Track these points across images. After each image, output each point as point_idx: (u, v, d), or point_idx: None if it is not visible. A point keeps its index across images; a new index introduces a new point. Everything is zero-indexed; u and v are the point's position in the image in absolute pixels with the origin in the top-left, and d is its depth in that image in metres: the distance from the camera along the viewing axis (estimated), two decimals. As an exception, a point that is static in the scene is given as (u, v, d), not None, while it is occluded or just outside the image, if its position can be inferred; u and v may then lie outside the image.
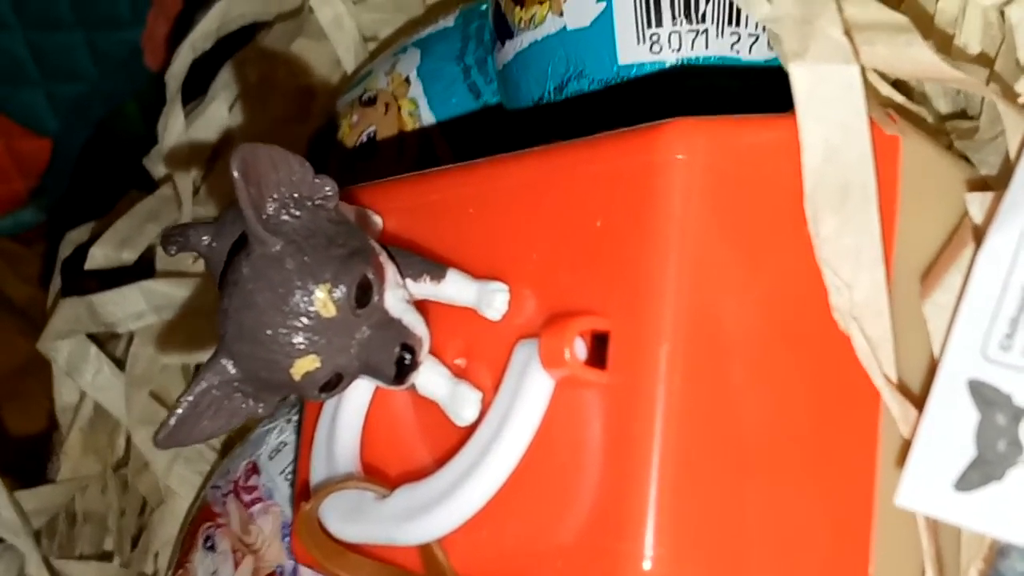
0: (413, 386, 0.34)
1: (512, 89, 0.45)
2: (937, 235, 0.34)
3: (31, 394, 0.68)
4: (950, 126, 0.38)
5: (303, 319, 0.31)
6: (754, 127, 0.32)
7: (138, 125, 0.84)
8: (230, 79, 0.60)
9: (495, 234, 0.35)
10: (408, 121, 0.49)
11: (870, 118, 0.31)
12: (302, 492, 0.37)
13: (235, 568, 0.48)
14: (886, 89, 0.35)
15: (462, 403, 0.34)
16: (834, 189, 0.31)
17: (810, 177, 0.31)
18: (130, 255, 0.59)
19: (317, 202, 0.32)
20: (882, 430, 0.32)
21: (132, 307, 0.57)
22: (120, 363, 0.59)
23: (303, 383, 0.32)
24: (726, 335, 0.31)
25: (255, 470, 0.49)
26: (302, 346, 0.31)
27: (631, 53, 0.42)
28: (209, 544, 0.50)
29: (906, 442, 0.31)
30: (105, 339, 0.60)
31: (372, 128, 0.50)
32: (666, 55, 0.41)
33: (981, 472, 0.29)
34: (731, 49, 0.41)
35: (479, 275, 0.34)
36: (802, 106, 0.31)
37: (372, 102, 0.51)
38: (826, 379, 0.32)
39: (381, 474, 0.36)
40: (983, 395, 0.29)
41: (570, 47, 0.43)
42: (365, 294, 0.32)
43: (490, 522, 0.32)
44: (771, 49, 0.41)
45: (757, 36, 0.41)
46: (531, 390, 0.32)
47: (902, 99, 0.35)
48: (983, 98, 0.36)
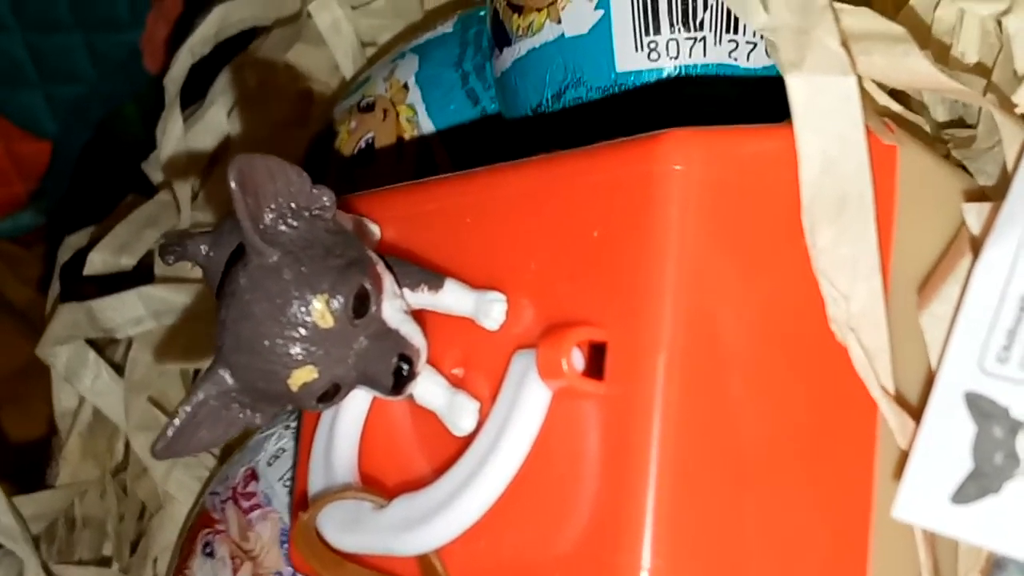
0: (411, 396, 0.34)
1: (510, 96, 0.45)
2: (935, 245, 0.34)
3: (31, 397, 0.68)
4: (948, 134, 0.38)
5: (300, 330, 0.31)
6: (752, 137, 0.32)
7: (137, 127, 0.84)
8: (229, 84, 0.60)
9: (493, 243, 0.35)
10: (406, 127, 0.49)
11: (867, 128, 0.31)
12: (300, 502, 0.37)
13: (234, 574, 0.48)
14: (883, 98, 0.35)
15: (460, 413, 0.34)
16: (831, 200, 0.31)
17: (807, 188, 0.31)
18: (129, 260, 0.59)
19: (315, 212, 0.32)
20: (879, 441, 0.32)
21: (131, 312, 0.57)
22: (119, 368, 0.59)
23: (301, 394, 0.32)
24: (724, 346, 0.31)
25: (254, 476, 0.49)
26: (299, 357, 0.31)
27: (629, 60, 0.42)
28: (208, 550, 0.50)
29: (903, 453, 0.31)
30: (104, 344, 0.60)
31: (370, 134, 0.50)
32: (664, 62, 0.41)
33: (978, 485, 0.29)
34: (729, 57, 0.41)
35: (477, 284, 0.34)
36: (799, 117, 0.31)
37: (370, 108, 0.51)
38: (824, 390, 0.32)
39: (379, 484, 0.36)
40: (980, 408, 0.29)
41: (568, 55, 0.42)
42: (363, 304, 0.32)
43: (488, 532, 0.32)
44: (769, 57, 0.41)
45: (755, 44, 0.41)
46: (529, 401, 0.32)
47: (899, 108, 0.35)
48: (981, 107, 0.36)
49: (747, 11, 0.34)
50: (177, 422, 0.32)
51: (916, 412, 0.31)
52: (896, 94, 0.35)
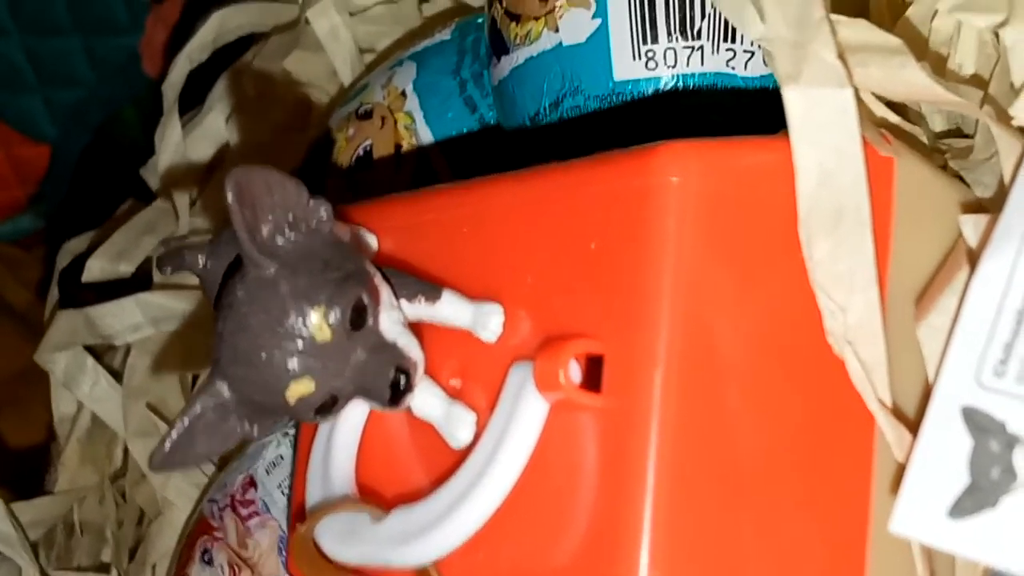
0: (408, 407, 0.34)
1: (508, 104, 0.45)
2: (932, 256, 0.34)
3: (31, 400, 0.68)
4: (945, 144, 0.38)
5: (298, 342, 0.31)
6: (748, 149, 0.32)
7: (136, 131, 0.84)
8: (227, 90, 0.60)
9: (490, 254, 0.35)
10: (404, 135, 0.49)
11: (864, 140, 0.31)
12: (298, 513, 0.37)
13: (232, 582, 0.48)
14: (880, 109, 0.35)
15: (457, 424, 0.34)
16: (828, 213, 0.31)
17: (804, 201, 0.31)
18: (127, 267, 0.59)
19: (312, 225, 0.32)
20: (877, 454, 0.32)
21: (129, 319, 0.57)
22: (117, 375, 0.59)
23: (298, 406, 0.32)
24: (721, 358, 0.31)
25: (252, 484, 0.49)
26: (297, 369, 0.31)
27: (627, 69, 0.42)
28: (206, 558, 0.50)
29: (900, 466, 0.31)
30: (102, 351, 0.60)
31: (368, 142, 0.50)
32: (662, 71, 0.41)
33: (975, 499, 0.29)
34: (727, 65, 0.41)
35: (474, 295, 0.34)
36: (796, 130, 0.31)
37: (368, 115, 0.51)
38: (821, 403, 0.32)
39: (376, 495, 0.36)
40: (977, 422, 0.29)
41: (566, 63, 0.42)
42: (360, 317, 0.32)
43: (486, 544, 0.32)
44: (766, 65, 0.41)
45: (753, 53, 0.41)
46: (526, 413, 0.32)
47: (897, 119, 0.35)
48: (978, 119, 0.36)
49: (744, 22, 0.34)
50: (174, 434, 0.32)
51: (913, 425, 0.31)
52: (893, 104, 0.35)
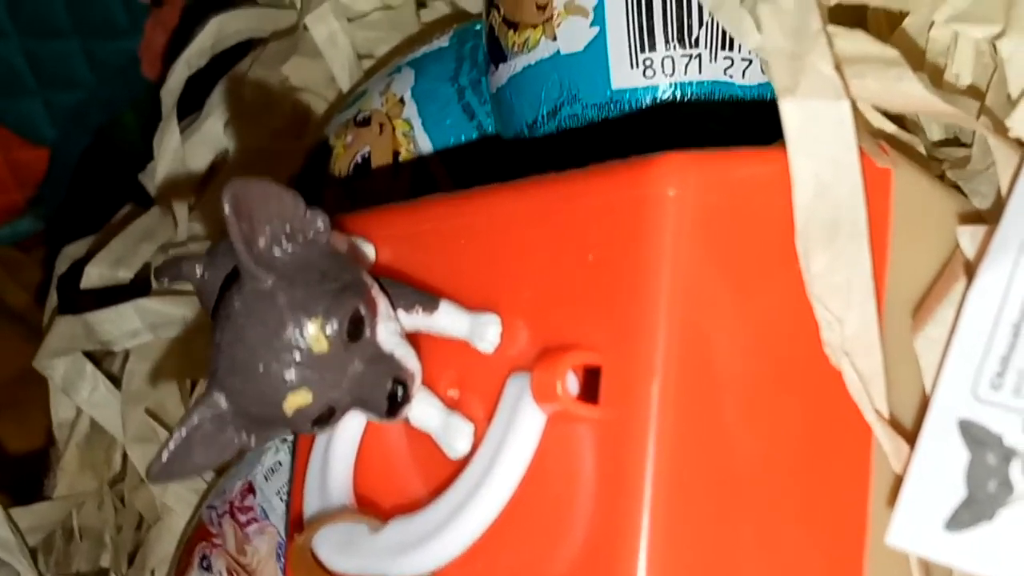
0: (406, 418, 0.34)
1: (506, 112, 0.45)
2: (930, 267, 0.34)
3: (30, 402, 0.68)
4: (943, 154, 0.38)
5: (295, 354, 0.31)
6: (745, 161, 0.32)
7: (135, 135, 0.84)
8: (225, 96, 0.60)
9: (487, 265, 0.35)
10: (402, 142, 0.49)
11: (861, 151, 0.31)
12: (295, 524, 0.37)
13: (231, 588, 0.48)
14: (878, 119, 0.35)
15: (455, 435, 0.34)
16: (825, 225, 0.31)
17: (801, 213, 0.31)
18: (126, 273, 0.59)
19: (309, 236, 0.32)
20: (874, 466, 0.32)
21: (127, 325, 0.57)
22: (116, 380, 0.59)
23: (295, 418, 0.32)
24: (718, 370, 0.31)
25: (251, 490, 0.49)
26: (294, 381, 0.31)
27: (624, 78, 0.42)
28: (205, 564, 0.50)
29: (898, 478, 0.31)
30: (101, 356, 0.60)
31: (366, 148, 0.50)
32: (659, 79, 0.41)
33: (972, 512, 0.29)
34: (724, 74, 0.41)
35: (471, 306, 0.34)
36: (793, 142, 0.31)
37: (366, 122, 0.51)
38: (818, 414, 0.32)
39: (374, 505, 0.36)
40: (973, 435, 0.29)
41: (563, 71, 0.42)
42: (357, 328, 0.32)
43: (483, 555, 0.32)
44: (764, 74, 0.41)
45: (750, 61, 0.41)
46: (523, 424, 0.32)
47: (894, 128, 0.35)
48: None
49: (741, 32, 0.34)
50: (172, 445, 0.32)
51: (911, 436, 0.31)
52: (890, 114, 0.35)
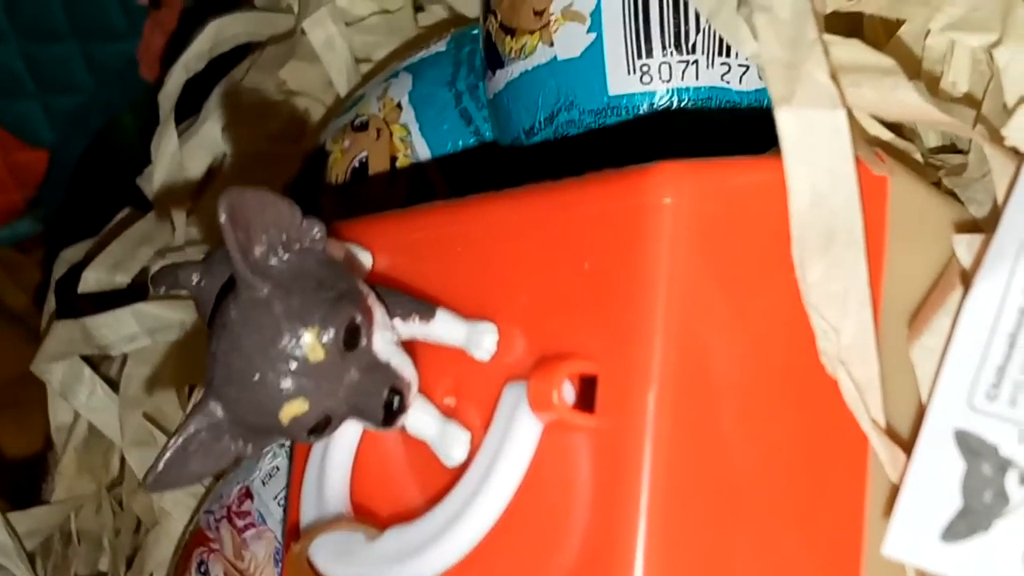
0: (402, 426, 0.34)
1: (503, 118, 0.45)
2: (926, 275, 0.34)
3: (29, 404, 0.68)
4: (939, 160, 0.38)
5: (291, 363, 0.31)
6: (742, 169, 0.32)
7: (135, 136, 0.84)
8: (223, 99, 0.60)
9: (484, 273, 0.35)
10: (399, 147, 0.49)
11: (857, 159, 0.31)
12: (292, 532, 0.37)
13: (228, 594, 0.48)
14: (874, 126, 0.34)
15: (451, 443, 0.34)
16: (821, 234, 0.30)
17: (797, 222, 0.31)
18: (123, 278, 0.59)
19: (305, 245, 0.32)
20: (870, 476, 0.32)
21: (125, 330, 0.57)
22: (114, 384, 0.59)
23: (291, 427, 0.32)
24: (714, 379, 0.30)
25: (248, 495, 0.49)
26: (290, 390, 0.31)
27: (621, 84, 0.42)
28: (202, 569, 0.50)
29: (894, 488, 0.31)
30: (99, 360, 0.60)
31: (364, 154, 0.50)
32: (656, 85, 0.41)
33: (967, 523, 0.29)
34: (721, 79, 0.41)
35: (468, 314, 0.34)
36: (789, 151, 0.30)
37: (364, 127, 0.51)
38: (815, 423, 0.32)
39: (371, 514, 0.36)
40: (969, 445, 0.29)
41: (560, 77, 0.42)
42: (353, 337, 0.32)
43: (480, 564, 0.32)
44: (761, 80, 0.41)
45: (747, 67, 0.41)
46: (519, 433, 0.31)
47: (890, 135, 0.35)
48: (972, 137, 0.36)
49: (738, 39, 0.34)
50: (168, 455, 0.32)
51: (907, 445, 0.31)
52: (887, 121, 0.35)
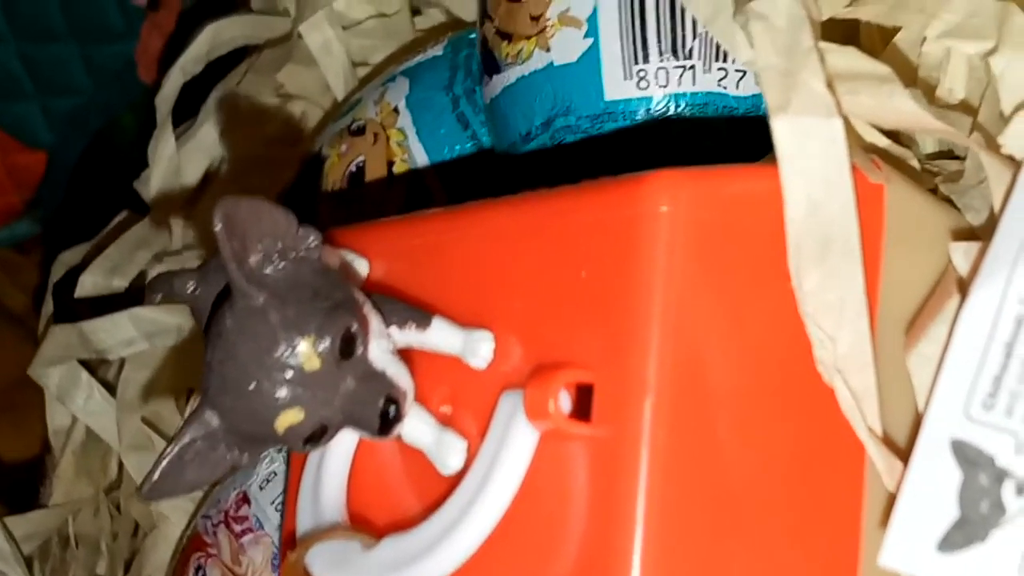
0: (398, 435, 0.34)
1: (499, 123, 0.45)
2: (923, 283, 0.34)
3: (28, 405, 0.68)
4: (936, 166, 0.38)
5: (287, 372, 0.31)
6: (738, 177, 0.32)
7: (134, 136, 0.84)
8: (220, 103, 0.60)
9: (480, 281, 0.35)
10: (396, 151, 0.49)
11: (854, 166, 0.31)
12: (288, 540, 0.37)
13: (226, 599, 0.48)
14: (871, 133, 0.34)
15: (447, 451, 0.34)
16: (817, 243, 0.30)
17: (792, 231, 0.31)
18: (120, 282, 0.58)
19: (301, 253, 0.32)
20: (867, 485, 0.32)
21: (122, 334, 0.57)
22: (111, 388, 0.59)
23: (287, 436, 0.32)
24: (711, 388, 0.30)
25: (245, 500, 0.49)
26: (286, 399, 0.31)
27: (618, 89, 0.41)
28: (200, 574, 0.50)
29: (891, 497, 0.31)
30: (96, 364, 0.60)
31: (361, 158, 0.50)
32: (653, 91, 0.41)
33: (964, 533, 0.29)
34: (718, 84, 0.41)
35: (464, 322, 0.34)
36: (785, 160, 0.30)
37: (361, 132, 0.51)
38: (812, 432, 0.32)
39: (367, 522, 0.35)
40: (966, 455, 0.29)
41: (557, 83, 0.42)
42: (349, 346, 0.32)
43: (476, 573, 0.32)
44: (757, 85, 0.41)
45: (744, 72, 0.41)
46: (516, 442, 0.31)
47: (887, 142, 0.35)
48: (968, 144, 0.36)
49: (734, 46, 0.34)
50: (163, 464, 0.32)
51: (904, 454, 0.31)
52: (884, 128, 0.35)
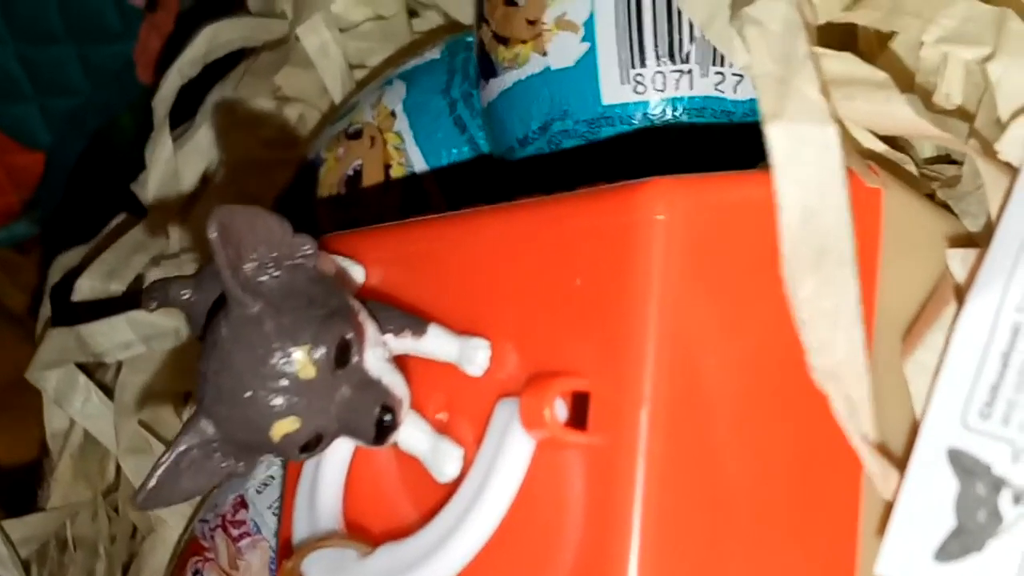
0: (394, 442, 0.34)
1: (496, 127, 0.45)
2: (920, 289, 0.34)
3: (26, 409, 0.68)
4: (933, 171, 0.38)
5: (282, 381, 0.31)
6: (733, 185, 0.32)
7: (132, 136, 0.84)
8: (217, 105, 0.60)
9: (476, 288, 0.34)
10: (393, 155, 0.49)
11: (850, 171, 0.31)
12: (284, 548, 0.37)
13: (224, 603, 0.48)
14: (868, 138, 0.34)
15: (444, 459, 0.34)
16: (811, 251, 0.30)
17: (787, 239, 0.30)
18: (118, 286, 0.58)
19: (296, 261, 0.32)
20: (864, 494, 0.32)
21: (120, 337, 0.57)
22: (109, 391, 0.59)
23: (283, 444, 0.32)
24: (707, 396, 0.30)
25: (243, 504, 0.49)
26: (281, 408, 0.31)
27: (615, 93, 0.41)
28: (198, 579, 0.50)
29: (887, 506, 0.31)
30: (94, 367, 0.60)
31: (358, 162, 0.50)
32: (650, 95, 0.41)
33: (961, 542, 0.29)
34: (715, 89, 0.41)
35: (460, 329, 0.34)
36: (779, 168, 0.30)
37: (358, 135, 0.50)
38: (808, 440, 0.32)
39: (363, 530, 0.35)
40: (963, 464, 0.29)
41: (554, 87, 0.42)
42: (344, 355, 0.32)
43: (472, 581, 0.32)
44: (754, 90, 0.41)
45: (741, 76, 0.41)
46: (512, 451, 0.31)
47: (884, 147, 0.35)
48: (966, 150, 0.36)
49: (730, 51, 0.34)
50: (159, 472, 0.32)
51: (901, 462, 0.31)
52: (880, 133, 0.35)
